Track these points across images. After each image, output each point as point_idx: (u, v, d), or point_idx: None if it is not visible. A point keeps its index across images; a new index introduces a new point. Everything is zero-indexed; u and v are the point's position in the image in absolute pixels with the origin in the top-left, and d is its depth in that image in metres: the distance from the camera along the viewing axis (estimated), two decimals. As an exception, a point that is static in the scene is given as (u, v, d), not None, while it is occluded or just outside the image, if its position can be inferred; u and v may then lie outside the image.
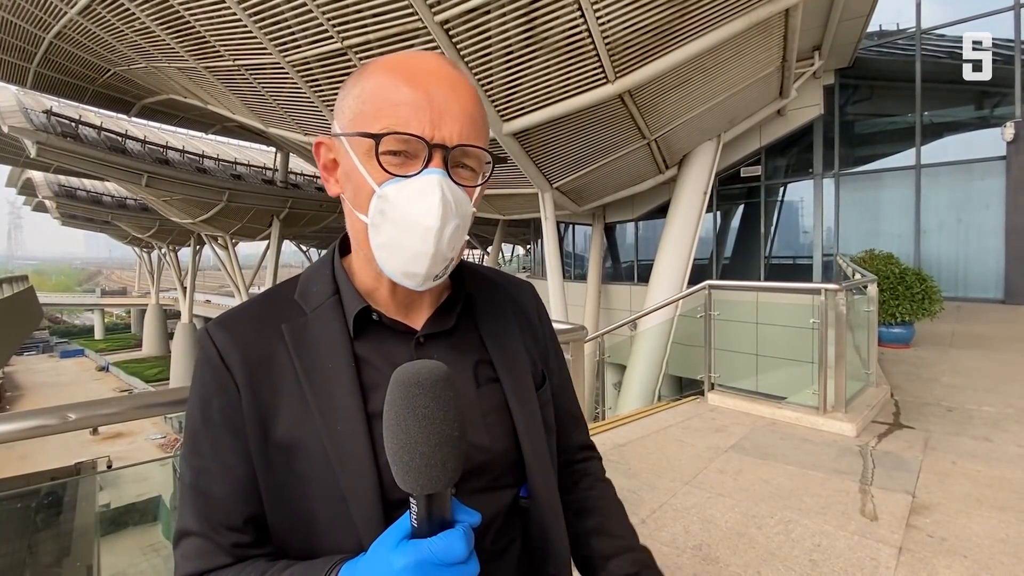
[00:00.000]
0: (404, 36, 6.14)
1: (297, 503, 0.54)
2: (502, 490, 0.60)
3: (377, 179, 0.53)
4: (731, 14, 6.47)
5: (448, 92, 0.54)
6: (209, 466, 0.55)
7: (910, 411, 3.86)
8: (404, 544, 0.44)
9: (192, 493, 0.55)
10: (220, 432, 0.55)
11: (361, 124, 0.54)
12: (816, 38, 9.47)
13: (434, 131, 0.52)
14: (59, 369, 36.76)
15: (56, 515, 2.00)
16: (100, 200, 25.32)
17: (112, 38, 8.54)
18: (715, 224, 13.23)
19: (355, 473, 0.52)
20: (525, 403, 0.62)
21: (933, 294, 5.90)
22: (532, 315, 0.73)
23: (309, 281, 0.62)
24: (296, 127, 8.92)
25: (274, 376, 0.56)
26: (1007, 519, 2.34)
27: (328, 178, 0.60)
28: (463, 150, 0.54)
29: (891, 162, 10.82)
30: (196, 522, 0.54)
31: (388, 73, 0.54)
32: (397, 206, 0.53)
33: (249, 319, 0.59)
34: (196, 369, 0.58)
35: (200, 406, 0.56)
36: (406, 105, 0.52)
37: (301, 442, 0.54)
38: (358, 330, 0.59)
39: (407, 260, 0.54)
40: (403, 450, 0.43)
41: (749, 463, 3.04)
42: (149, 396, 1.22)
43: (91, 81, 11.64)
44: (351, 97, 0.56)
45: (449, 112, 0.53)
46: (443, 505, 0.45)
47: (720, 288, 4.45)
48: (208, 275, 60.62)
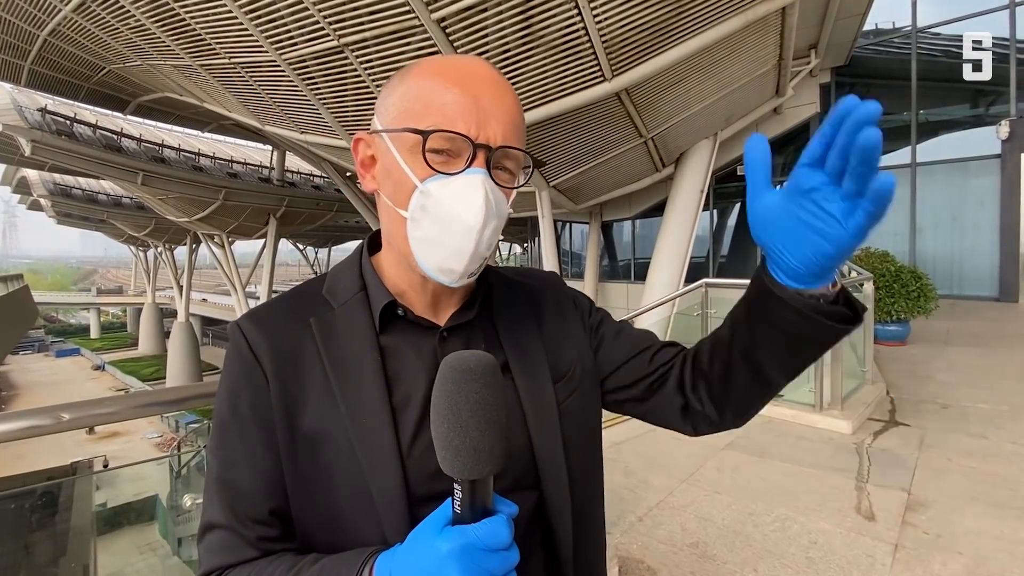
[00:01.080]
0: (401, 34, 6.12)
1: (322, 496, 0.54)
2: (525, 491, 0.59)
3: (420, 175, 0.54)
4: (728, 12, 6.48)
5: (493, 94, 0.55)
6: (236, 458, 0.56)
7: (906, 408, 3.88)
8: (448, 529, 0.44)
9: (219, 485, 0.56)
10: (247, 424, 0.56)
11: (406, 121, 0.54)
12: (812, 36, 9.49)
13: (479, 131, 0.53)
14: (54, 368, 36.61)
15: (52, 515, 1.99)
16: (95, 198, 25.19)
17: (108, 35, 8.49)
18: (712, 222, 13.25)
19: (381, 466, 0.53)
20: (539, 403, 0.62)
21: (928, 292, 5.93)
22: (565, 303, 0.73)
23: (337, 277, 0.64)
24: (293, 125, 8.89)
25: (302, 368, 0.57)
26: (1002, 515, 2.36)
27: (365, 174, 0.61)
28: (505, 151, 0.55)
29: (887, 160, 10.84)
30: (222, 514, 0.55)
31: (436, 74, 0.55)
32: (440, 202, 0.53)
33: (279, 313, 0.61)
34: (226, 361, 0.59)
35: (229, 398, 0.57)
36: (453, 105, 0.53)
37: (327, 434, 0.54)
38: (384, 324, 0.59)
39: (446, 256, 0.55)
40: (453, 433, 0.43)
41: (746, 460, 3.05)
42: (145, 395, 1.20)
43: (86, 79, 11.58)
44: (396, 95, 0.57)
45: (494, 114, 0.54)
46: (486, 492, 0.45)
47: (716, 286, 4.46)
48: (204, 274, 60.42)
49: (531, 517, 0.59)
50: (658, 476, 2.86)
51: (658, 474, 2.89)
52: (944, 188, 10.09)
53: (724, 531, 2.30)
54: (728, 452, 3.17)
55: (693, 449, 3.22)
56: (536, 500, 0.60)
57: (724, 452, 3.17)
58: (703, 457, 3.10)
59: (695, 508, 2.51)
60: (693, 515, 2.44)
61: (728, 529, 2.32)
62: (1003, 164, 9.11)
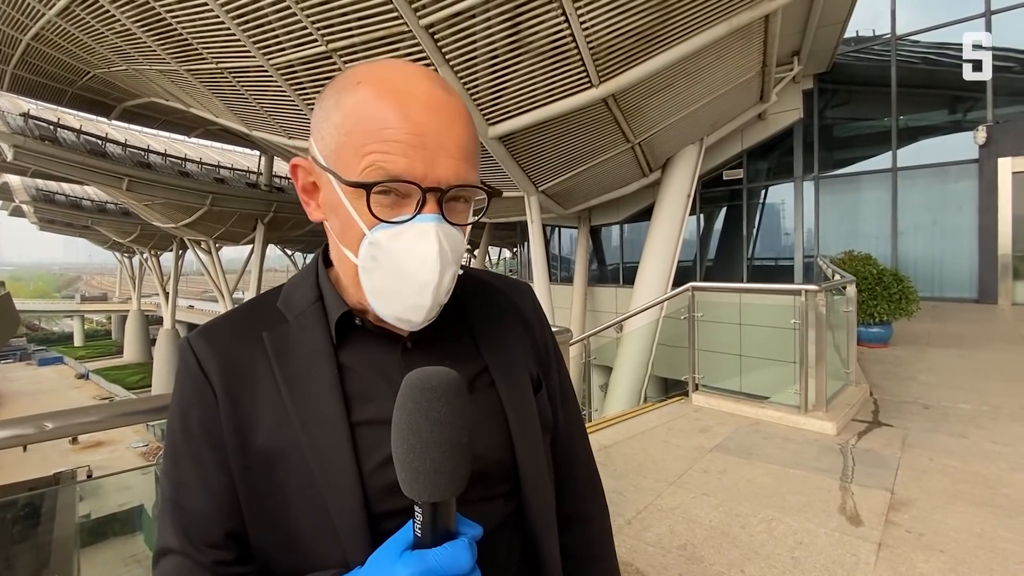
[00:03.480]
0: (389, 40, 6.13)
1: (278, 515, 0.52)
2: (499, 500, 0.58)
3: (368, 222, 0.50)
4: (713, 19, 6.57)
5: (443, 127, 0.50)
6: (188, 479, 0.53)
7: (889, 409, 3.94)
8: (408, 554, 0.43)
9: (171, 507, 0.53)
10: (199, 444, 0.53)
11: (346, 157, 0.50)
12: (795, 43, 9.65)
13: (427, 171, 0.49)
14: (37, 377, 35.93)
15: (34, 526, 1.96)
16: (79, 204, 24.87)
17: (92, 40, 8.41)
18: (699, 226, 13.37)
19: (338, 484, 0.51)
20: (521, 409, 0.60)
21: (910, 294, 6.02)
22: (530, 318, 0.69)
23: (293, 289, 0.61)
24: (281, 130, 8.85)
25: (254, 385, 0.54)
26: (982, 514, 2.40)
27: (308, 201, 0.57)
28: (457, 190, 0.52)
29: (868, 165, 11.05)
30: (176, 539, 0.52)
31: (375, 98, 0.50)
32: (391, 256, 0.50)
33: (231, 328, 0.58)
34: (176, 380, 0.56)
35: (179, 417, 0.55)
36: (398, 144, 0.48)
37: (282, 452, 0.52)
38: (341, 336, 0.57)
39: (403, 308, 0.52)
40: (413, 455, 0.42)
41: (733, 463, 3.08)
42: (129, 404, 1.19)
43: (70, 83, 11.45)
44: (332, 124, 0.52)
45: (444, 149, 0.50)
46: (448, 514, 0.44)
47: (703, 290, 4.51)
48: (191, 280, 59.76)
49: (511, 524, 0.58)
50: (646, 479, 2.88)
51: (646, 477, 2.91)
52: (924, 192, 10.29)
53: (712, 533, 2.32)
54: (715, 454, 3.20)
55: (681, 452, 3.25)
56: (512, 510, 0.59)
57: (712, 455, 3.20)
58: (691, 460, 3.12)
59: (683, 510, 2.52)
60: (681, 517, 2.46)
61: (716, 531, 2.34)
62: (981, 168, 9.30)
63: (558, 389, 0.70)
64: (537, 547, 0.60)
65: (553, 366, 0.70)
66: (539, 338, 0.69)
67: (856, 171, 11.24)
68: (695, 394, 4.24)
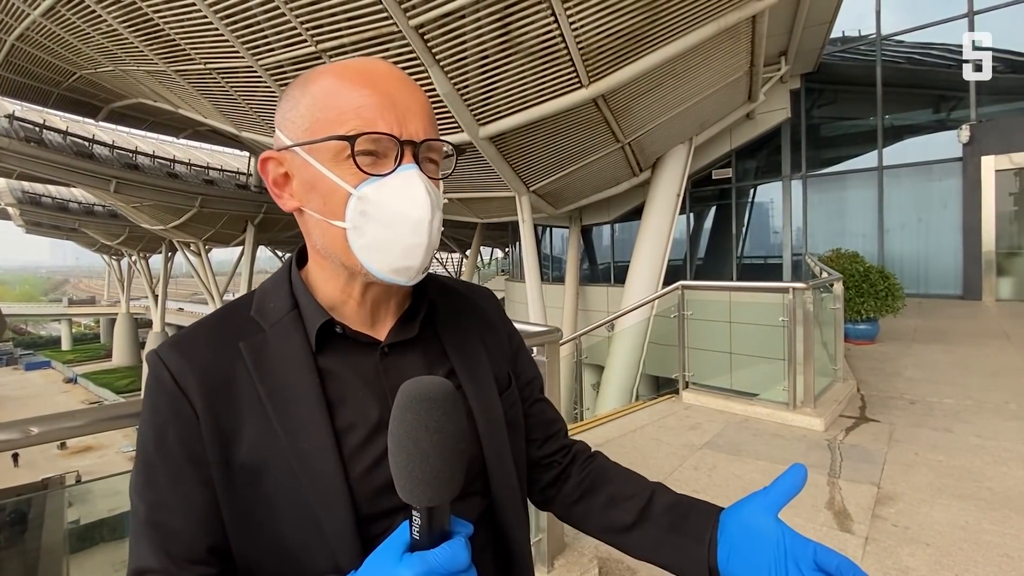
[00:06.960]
0: (379, 40, 6.12)
1: (264, 527, 0.52)
2: (472, 497, 0.59)
3: (352, 182, 0.52)
4: (701, 20, 6.62)
5: (406, 91, 0.54)
6: (166, 498, 0.52)
7: (875, 405, 3.99)
8: (409, 556, 0.44)
9: (148, 528, 0.51)
10: (178, 461, 0.52)
11: (323, 131, 0.52)
12: (782, 44, 9.74)
13: (401, 128, 0.53)
14: (24, 382, 35.45)
15: (21, 533, 1.94)
16: (66, 207, 24.57)
17: (78, 41, 8.32)
18: (688, 226, 13.45)
19: (326, 490, 0.51)
20: (487, 409, 0.62)
21: (896, 291, 6.10)
22: (494, 318, 0.73)
23: (265, 297, 0.60)
24: (270, 131, 8.78)
25: (235, 397, 0.53)
26: (967, 507, 2.44)
27: (280, 194, 0.58)
28: (428, 144, 0.55)
29: (855, 164, 11.18)
30: (155, 558, 0.50)
31: (342, 79, 0.53)
32: (381, 205, 0.52)
33: (204, 339, 0.56)
34: (147, 395, 0.54)
35: (154, 435, 0.53)
36: (370, 107, 0.52)
37: (267, 463, 0.52)
38: (320, 344, 0.57)
39: (399, 255, 0.54)
40: (414, 464, 0.43)
41: (723, 459, 3.10)
42: (116, 407, 1.16)
43: (56, 84, 11.31)
44: (302, 107, 0.54)
45: (411, 110, 0.54)
46: (444, 516, 0.45)
47: (692, 288, 4.54)
48: (181, 282, 59.19)
49: (482, 523, 0.60)
50: (637, 477, 2.90)
51: (637, 475, 2.93)
52: (910, 190, 10.42)
53: (701, 529, 2.34)
54: (706, 451, 3.23)
55: (672, 449, 3.27)
56: (485, 506, 0.61)
57: (702, 451, 3.22)
58: (682, 457, 3.15)
59: (673, 507, 2.54)
60: (671, 514, 2.48)
61: (705, 527, 2.36)
62: (964, 167, 9.44)
63: (532, 384, 0.75)
64: (508, 540, 0.62)
65: (523, 361, 0.75)
66: (504, 335, 0.73)
67: (843, 170, 11.37)
68: (685, 392, 4.27)
